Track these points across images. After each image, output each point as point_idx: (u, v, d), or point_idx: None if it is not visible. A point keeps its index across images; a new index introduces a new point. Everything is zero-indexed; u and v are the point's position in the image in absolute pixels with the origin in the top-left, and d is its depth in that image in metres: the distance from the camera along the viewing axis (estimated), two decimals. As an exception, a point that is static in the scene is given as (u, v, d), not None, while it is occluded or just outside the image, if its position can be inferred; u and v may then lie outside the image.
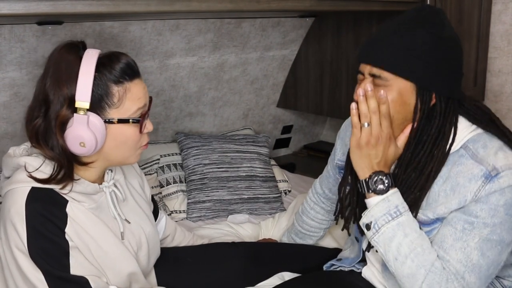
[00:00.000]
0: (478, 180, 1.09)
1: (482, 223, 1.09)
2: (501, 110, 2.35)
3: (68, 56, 1.12)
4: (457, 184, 1.11)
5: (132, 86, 1.15)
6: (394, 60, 1.12)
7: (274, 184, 2.26)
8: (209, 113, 2.46)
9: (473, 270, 1.09)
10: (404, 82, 1.13)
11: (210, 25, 2.04)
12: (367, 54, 1.17)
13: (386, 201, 1.15)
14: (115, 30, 1.80)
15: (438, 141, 1.15)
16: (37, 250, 1.09)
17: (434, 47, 1.12)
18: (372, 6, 1.82)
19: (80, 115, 1.10)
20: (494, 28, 2.29)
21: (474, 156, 1.12)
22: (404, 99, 1.14)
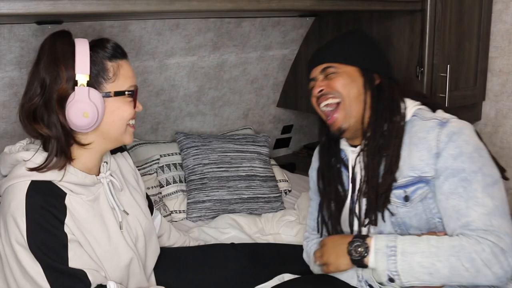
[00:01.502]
0: (434, 128, 1.28)
1: (472, 173, 1.22)
2: (502, 110, 2.34)
3: (61, 40, 1.20)
4: (419, 138, 1.30)
5: (123, 63, 1.25)
6: (339, 53, 1.39)
7: (274, 184, 2.26)
8: (209, 113, 2.45)
9: (494, 213, 1.19)
10: (349, 67, 1.37)
11: (210, 24, 2.04)
12: (318, 58, 1.42)
13: (377, 252, 1.24)
14: (115, 29, 1.80)
15: (393, 109, 1.35)
16: (37, 243, 1.11)
17: (368, 41, 1.45)
18: (372, 6, 1.82)
19: (81, 88, 1.16)
20: (495, 28, 2.28)
21: (424, 118, 1.33)
22: (352, 79, 1.37)
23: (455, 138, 1.25)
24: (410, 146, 1.31)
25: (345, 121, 1.36)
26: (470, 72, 2.22)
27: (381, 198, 1.31)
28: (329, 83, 1.37)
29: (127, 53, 1.31)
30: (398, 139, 1.32)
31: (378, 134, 1.34)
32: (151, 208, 1.54)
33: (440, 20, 1.95)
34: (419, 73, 1.98)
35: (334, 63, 1.38)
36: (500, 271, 1.15)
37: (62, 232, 1.14)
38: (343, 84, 1.35)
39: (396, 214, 1.31)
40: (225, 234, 1.92)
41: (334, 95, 1.36)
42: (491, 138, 2.39)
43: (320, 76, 1.40)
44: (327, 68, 1.38)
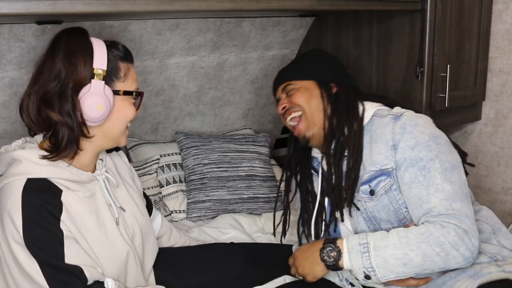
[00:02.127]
0: (389, 123, 1.36)
1: (429, 160, 1.29)
2: (502, 110, 2.34)
3: (78, 35, 1.24)
4: (377, 135, 1.38)
5: (131, 67, 1.32)
6: (296, 71, 1.55)
7: (274, 184, 2.26)
8: (209, 112, 2.45)
9: (453, 198, 1.26)
10: (306, 82, 1.51)
11: (210, 24, 2.04)
12: (278, 78, 1.58)
13: (351, 251, 1.29)
14: (115, 29, 1.80)
15: (351, 112, 1.44)
16: (33, 239, 1.12)
17: (323, 56, 1.59)
18: (372, 6, 1.82)
19: (98, 81, 1.21)
20: (495, 28, 2.28)
21: (381, 116, 1.41)
22: (310, 91, 1.49)
23: (409, 129, 1.33)
24: (370, 144, 1.39)
25: (308, 130, 1.47)
26: (470, 72, 2.22)
27: (347, 195, 1.39)
28: (290, 99, 1.50)
29: (128, 54, 1.32)
30: (357, 138, 1.40)
31: (338, 136, 1.43)
32: (150, 208, 1.54)
33: (440, 20, 1.95)
34: (419, 73, 1.98)
35: (292, 81, 1.52)
36: (466, 252, 1.21)
37: (58, 229, 1.15)
38: (302, 97, 1.48)
39: (365, 208, 1.38)
40: (225, 234, 1.93)
41: (296, 109, 1.49)
42: (491, 138, 2.39)
43: (283, 95, 1.54)
44: (287, 86, 1.53)
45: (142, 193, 1.53)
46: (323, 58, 1.58)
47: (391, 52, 2.05)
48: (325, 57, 1.59)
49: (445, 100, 2.01)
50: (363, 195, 1.39)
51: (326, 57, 1.59)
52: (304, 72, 1.53)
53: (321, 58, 1.58)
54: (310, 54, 1.61)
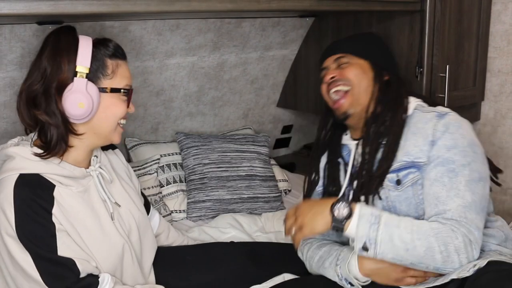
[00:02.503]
0: (432, 119, 1.35)
1: (460, 166, 1.28)
2: (501, 110, 2.35)
3: (66, 34, 1.25)
4: (417, 128, 1.36)
5: (122, 64, 1.30)
6: (353, 46, 1.48)
7: (274, 184, 2.26)
8: (209, 113, 2.46)
9: (470, 208, 1.25)
10: (362, 60, 1.46)
11: (210, 25, 2.04)
12: (332, 49, 1.51)
13: (361, 217, 1.26)
14: (115, 30, 1.81)
15: (398, 103, 1.42)
16: (25, 232, 1.13)
17: (380, 42, 1.56)
18: (372, 6, 1.82)
19: (80, 79, 1.20)
20: (494, 28, 2.29)
21: (424, 111, 1.40)
22: (364, 71, 1.44)
23: (452, 130, 1.31)
24: (407, 135, 1.37)
25: (351, 107, 1.43)
26: (469, 73, 2.23)
27: (375, 182, 1.36)
28: (342, 71, 1.44)
29: (127, 53, 1.33)
30: (398, 129, 1.38)
31: (379, 123, 1.41)
32: (147, 207, 1.54)
33: (439, 20, 1.96)
34: (419, 73, 1.98)
35: (348, 54, 1.46)
36: (465, 260, 1.21)
37: (50, 222, 1.17)
38: (355, 73, 1.43)
39: (387, 197, 1.37)
40: (225, 234, 1.93)
41: (345, 83, 1.43)
42: (490, 138, 2.40)
43: (333, 65, 1.47)
44: (341, 58, 1.46)
45: (140, 191, 1.53)
46: (380, 43, 1.56)
47: (390, 52, 2.05)
48: (382, 43, 1.57)
49: (444, 101, 2.01)
50: (389, 183, 1.37)
51: (382, 43, 1.57)
52: (362, 50, 1.48)
53: (378, 42, 1.56)
54: (367, 35, 1.61)
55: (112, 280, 1.23)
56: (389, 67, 1.50)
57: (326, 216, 1.28)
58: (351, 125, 1.49)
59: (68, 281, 1.16)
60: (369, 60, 1.46)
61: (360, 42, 1.52)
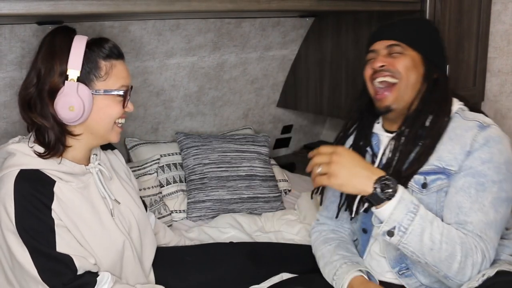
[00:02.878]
0: (473, 129, 1.28)
1: (491, 181, 1.22)
2: (501, 110, 2.35)
3: (62, 35, 1.24)
4: (456, 135, 1.29)
5: (117, 64, 1.28)
6: (409, 35, 1.36)
7: (274, 184, 2.27)
8: (209, 113, 2.46)
9: (491, 226, 1.21)
10: (415, 52, 1.35)
11: (210, 25, 2.04)
12: (386, 32, 1.39)
13: (401, 201, 1.18)
14: (115, 30, 1.81)
15: (442, 105, 1.34)
16: (25, 227, 1.14)
17: (437, 35, 1.42)
18: (371, 6, 1.82)
19: (70, 83, 1.21)
20: (494, 28, 2.29)
21: (465, 117, 1.32)
22: (415, 64, 1.34)
23: (491, 144, 1.25)
24: (444, 139, 1.31)
25: (395, 102, 1.34)
26: (469, 73, 2.23)
27: (401, 181, 1.25)
28: (393, 61, 1.34)
29: (127, 54, 1.33)
30: (438, 133, 1.31)
31: (419, 123, 1.33)
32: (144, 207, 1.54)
33: (439, 20, 1.96)
34: (418, 73, 1.98)
35: (403, 43, 1.35)
36: (473, 274, 1.18)
37: (49, 217, 1.17)
38: (406, 66, 1.33)
39: None
40: (225, 234, 1.93)
41: (394, 75, 1.33)
42: (490, 138, 2.40)
43: (383, 51, 1.36)
44: (394, 46, 1.35)
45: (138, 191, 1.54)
46: (435, 36, 1.42)
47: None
48: (437, 36, 1.42)
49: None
50: (414, 184, 1.30)
51: (437, 36, 1.42)
52: (418, 41, 1.36)
53: (434, 34, 1.41)
54: (425, 23, 1.47)
55: (112, 279, 1.23)
56: (440, 64, 1.39)
57: (367, 184, 1.19)
58: (388, 117, 1.40)
59: (65, 278, 1.16)
60: (422, 54, 1.35)
61: (416, 30, 1.38)
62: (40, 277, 1.14)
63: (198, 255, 1.57)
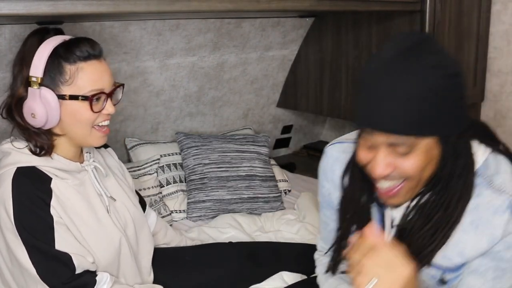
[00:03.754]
0: (503, 212, 0.96)
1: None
2: (501, 110, 2.35)
3: (34, 38, 1.22)
4: (480, 219, 0.98)
5: (86, 66, 1.21)
6: (416, 121, 0.90)
7: (274, 184, 2.27)
8: (209, 113, 2.46)
9: None
10: (428, 139, 0.93)
11: (210, 25, 2.04)
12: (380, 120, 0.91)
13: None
14: (115, 30, 1.81)
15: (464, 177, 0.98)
16: (23, 225, 1.14)
17: (447, 89, 0.91)
18: (372, 6, 1.82)
19: (33, 89, 1.18)
20: (494, 28, 2.29)
21: (490, 185, 0.99)
22: (430, 155, 0.95)
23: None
24: (465, 221, 0.99)
25: (406, 199, 1.02)
26: (469, 73, 2.23)
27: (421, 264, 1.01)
28: (400, 164, 0.94)
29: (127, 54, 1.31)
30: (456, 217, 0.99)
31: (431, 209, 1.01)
32: (143, 206, 1.54)
33: (439, 20, 1.96)
34: (418, 73, 1.98)
35: (409, 136, 0.91)
36: None
37: (48, 214, 1.17)
38: (419, 166, 0.94)
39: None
40: (224, 234, 1.93)
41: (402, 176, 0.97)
42: (490, 138, 2.40)
43: (383, 147, 0.94)
44: (400, 145, 0.92)
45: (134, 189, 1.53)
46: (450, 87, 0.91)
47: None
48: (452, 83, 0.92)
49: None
50: (428, 279, 1.04)
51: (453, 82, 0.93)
52: (430, 124, 0.91)
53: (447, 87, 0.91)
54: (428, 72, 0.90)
55: (111, 279, 1.23)
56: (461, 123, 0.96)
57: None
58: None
59: (63, 277, 1.16)
60: (438, 136, 0.94)
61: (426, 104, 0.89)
62: (39, 276, 1.14)
63: (197, 255, 1.57)
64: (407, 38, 0.94)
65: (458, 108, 0.94)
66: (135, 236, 1.39)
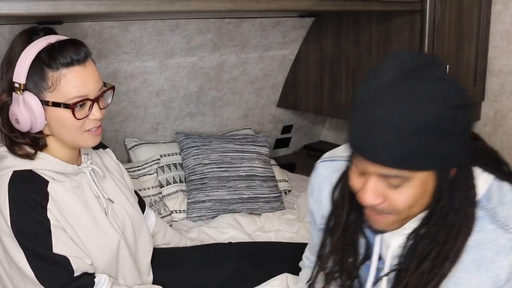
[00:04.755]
0: (509, 253, 0.89)
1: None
2: (501, 110, 2.35)
3: (22, 40, 1.20)
4: (483, 258, 0.91)
5: (68, 73, 1.17)
6: (410, 153, 0.83)
7: (274, 184, 2.26)
8: (209, 113, 2.46)
9: None
10: (424, 172, 0.87)
11: (210, 25, 2.04)
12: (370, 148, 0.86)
13: None
14: (115, 30, 1.81)
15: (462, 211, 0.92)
16: (20, 229, 1.13)
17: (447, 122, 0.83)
18: (372, 6, 1.82)
19: (16, 95, 1.17)
20: (494, 28, 2.29)
21: (494, 219, 0.91)
22: (424, 188, 0.89)
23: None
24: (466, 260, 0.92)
25: (393, 228, 0.97)
26: (470, 72, 2.23)
27: None
28: (391, 196, 0.89)
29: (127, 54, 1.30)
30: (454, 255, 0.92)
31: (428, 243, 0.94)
32: (142, 206, 1.54)
33: (439, 20, 1.96)
34: (419, 73, 1.98)
35: (405, 170, 0.85)
36: None
37: (45, 218, 1.16)
38: (411, 200, 0.89)
39: None
40: (224, 234, 1.93)
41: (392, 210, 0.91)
42: (490, 138, 2.40)
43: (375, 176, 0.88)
44: (392, 178, 0.87)
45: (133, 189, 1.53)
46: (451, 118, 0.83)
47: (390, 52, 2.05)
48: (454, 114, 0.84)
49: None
50: None
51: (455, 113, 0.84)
52: (425, 159, 0.85)
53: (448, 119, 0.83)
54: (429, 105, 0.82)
55: (110, 281, 1.23)
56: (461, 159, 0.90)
57: None
58: None
59: (62, 280, 1.15)
60: (434, 169, 0.87)
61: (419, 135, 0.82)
62: (37, 279, 1.13)
63: (196, 256, 1.57)
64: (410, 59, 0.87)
65: (460, 142, 0.86)
66: (134, 237, 1.39)
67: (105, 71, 1.91)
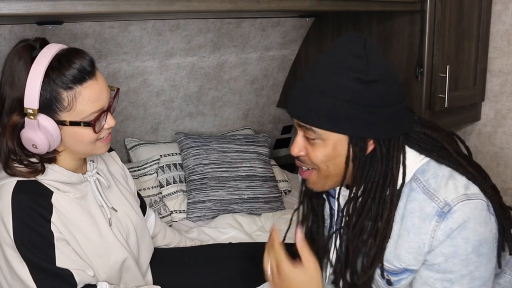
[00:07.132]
0: (431, 220, 1.02)
1: (459, 276, 1.03)
2: (501, 110, 2.35)
3: (21, 58, 1.13)
4: (413, 225, 1.04)
5: (83, 90, 1.14)
6: (323, 116, 1.01)
7: (274, 184, 2.26)
8: (209, 113, 2.46)
9: None
10: (337, 135, 1.03)
11: (210, 25, 2.04)
12: (294, 107, 1.07)
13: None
14: (115, 30, 1.81)
15: (386, 186, 1.05)
16: (23, 242, 1.12)
17: (361, 93, 0.99)
18: (372, 6, 1.82)
19: (30, 120, 1.12)
20: (494, 28, 2.29)
21: (425, 190, 1.04)
22: (335, 149, 1.04)
23: (454, 235, 1.01)
24: (401, 226, 1.07)
25: (319, 187, 1.13)
26: (470, 73, 2.23)
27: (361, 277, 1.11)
28: (309, 152, 1.07)
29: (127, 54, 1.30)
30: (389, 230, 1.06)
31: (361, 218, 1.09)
32: (143, 208, 1.54)
33: (439, 20, 1.96)
34: (419, 73, 1.98)
35: (318, 128, 1.03)
36: None
37: (49, 231, 1.15)
38: (324, 157, 1.05)
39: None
40: (225, 234, 1.93)
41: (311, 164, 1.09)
42: (490, 139, 2.40)
43: (300, 132, 1.08)
44: (309, 131, 1.04)
45: (136, 193, 1.53)
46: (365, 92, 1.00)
47: (390, 52, 2.05)
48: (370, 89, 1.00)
49: (445, 101, 2.01)
50: (379, 278, 1.11)
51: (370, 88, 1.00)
52: (338, 122, 1.01)
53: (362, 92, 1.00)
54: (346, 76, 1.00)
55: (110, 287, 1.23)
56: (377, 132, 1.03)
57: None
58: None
59: None
60: (347, 134, 1.03)
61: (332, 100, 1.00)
62: None
63: (196, 256, 1.57)
64: (344, 39, 1.05)
65: (375, 115, 1.01)
66: (137, 244, 1.38)
67: (105, 71, 1.91)
